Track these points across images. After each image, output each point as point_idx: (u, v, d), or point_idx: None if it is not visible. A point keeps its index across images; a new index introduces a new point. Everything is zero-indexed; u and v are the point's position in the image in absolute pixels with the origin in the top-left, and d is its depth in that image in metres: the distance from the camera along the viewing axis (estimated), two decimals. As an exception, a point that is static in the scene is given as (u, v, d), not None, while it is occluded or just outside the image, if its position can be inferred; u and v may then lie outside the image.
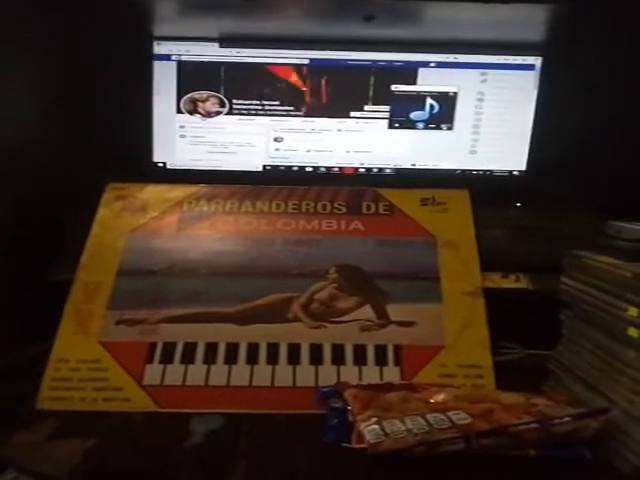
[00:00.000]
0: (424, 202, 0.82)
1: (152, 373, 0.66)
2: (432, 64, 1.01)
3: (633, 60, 0.91)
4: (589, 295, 0.63)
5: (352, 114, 1.03)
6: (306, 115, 1.03)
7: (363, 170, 1.05)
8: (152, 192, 0.83)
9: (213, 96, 1.02)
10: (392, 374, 0.67)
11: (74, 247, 0.77)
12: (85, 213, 0.80)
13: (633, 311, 0.56)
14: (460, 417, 0.55)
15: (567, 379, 0.66)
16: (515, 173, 1.04)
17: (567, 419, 0.55)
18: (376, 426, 0.54)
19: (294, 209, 0.82)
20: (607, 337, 0.60)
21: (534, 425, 0.54)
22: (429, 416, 0.55)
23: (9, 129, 0.82)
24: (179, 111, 1.03)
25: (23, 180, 0.81)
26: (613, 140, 0.95)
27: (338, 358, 0.68)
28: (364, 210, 0.82)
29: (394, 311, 0.72)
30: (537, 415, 0.56)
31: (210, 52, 1.01)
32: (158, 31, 1.00)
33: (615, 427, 0.56)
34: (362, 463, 0.53)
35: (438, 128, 1.03)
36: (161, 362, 0.67)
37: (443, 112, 1.02)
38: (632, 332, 0.56)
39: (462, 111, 1.02)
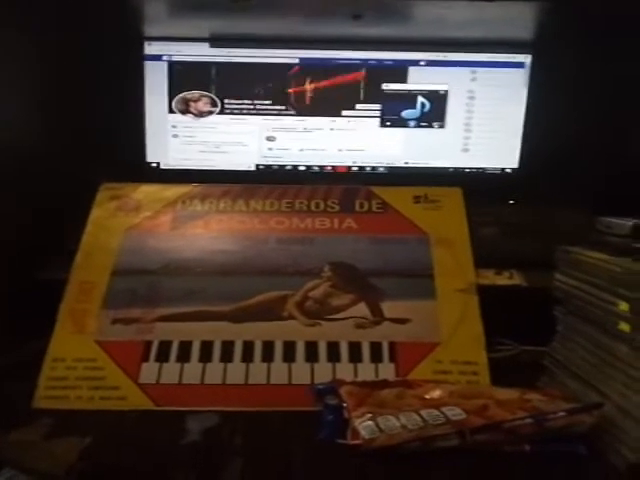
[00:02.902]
0: (417, 200, 0.83)
1: (148, 372, 0.66)
2: (422, 62, 1.02)
3: (622, 56, 0.92)
4: (581, 291, 0.63)
5: (344, 113, 1.03)
6: (298, 114, 1.03)
7: (356, 168, 1.05)
8: (146, 192, 0.83)
9: (205, 96, 1.02)
10: (387, 371, 0.67)
11: (68, 247, 0.77)
12: (79, 213, 0.80)
13: (624, 306, 0.56)
14: (455, 413, 0.55)
15: (561, 375, 0.66)
16: (507, 170, 1.05)
17: (561, 414, 0.55)
18: (371, 422, 0.55)
19: (287, 208, 0.82)
20: (600, 332, 0.61)
21: (528, 420, 0.55)
22: (424, 412, 0.56)
23: (1, 129, 0.82)
24: (171, 111, 1.03)
25: (16, 180, 0.81)
26: (603, 136, 0.96)
27: (333, 355, 0.68)
28: (357, 208, 0.82)
29: (388, 308, 0.73)
30: (531, 410, 0.56)
31: (201, 52, 1.01)
32: (149, 31, 1.01)
33: (609, 422, 0.56)
34: (357, 459, 0.53)
35: (430, 126, 1.04)
36: (157, 361, 0.67)
37: (434, 110, 1.03)
38: (623, 326, 0.56)
39: (453, 109, 1.03)
